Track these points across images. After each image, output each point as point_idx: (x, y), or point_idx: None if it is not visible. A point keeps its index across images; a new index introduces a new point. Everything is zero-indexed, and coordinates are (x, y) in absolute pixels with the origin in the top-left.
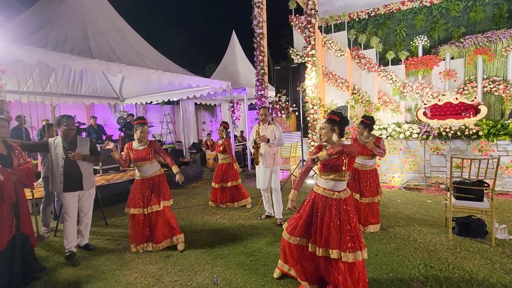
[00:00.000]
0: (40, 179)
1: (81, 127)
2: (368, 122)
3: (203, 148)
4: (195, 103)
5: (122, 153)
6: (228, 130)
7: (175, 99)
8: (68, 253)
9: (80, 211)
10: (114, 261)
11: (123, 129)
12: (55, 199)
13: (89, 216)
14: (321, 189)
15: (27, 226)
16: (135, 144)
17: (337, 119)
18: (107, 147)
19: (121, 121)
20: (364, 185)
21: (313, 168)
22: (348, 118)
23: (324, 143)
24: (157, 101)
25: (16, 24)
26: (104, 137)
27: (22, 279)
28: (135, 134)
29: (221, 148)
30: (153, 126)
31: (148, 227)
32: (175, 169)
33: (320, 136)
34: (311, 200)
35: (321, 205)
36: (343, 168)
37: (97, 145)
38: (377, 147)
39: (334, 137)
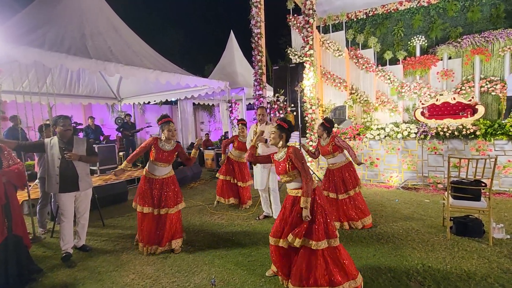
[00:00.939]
0: (37, 180)
1: (78, 127)
2: (328, 125)
3: (201, 148)
4: (193, 103)
5: (140, 145)
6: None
7: (173, 99)
8: (64, 254)
9: (76, 212)
10: (111, 262)
11: (121, 130)
12: (52, 200)
13: (86, 217)
14: (288, 189)
15: (19, 228)
16: (161, 143)
17: (286, 127)
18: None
19: (119, 121)
20: (338, 182)
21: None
22: (346, 117)
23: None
24: (155, 101)
25: (13, 23)
26: (101, 138)
27: (18, 280)
28: (162, 134)
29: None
30: (151, 126)
31: (157, 229)
32: (194, 153)
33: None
34: (284, 202)
35: (286, 204)
36: (287, 170)
37: (94, 145)
38: (336, 146)
39: (281, 143)
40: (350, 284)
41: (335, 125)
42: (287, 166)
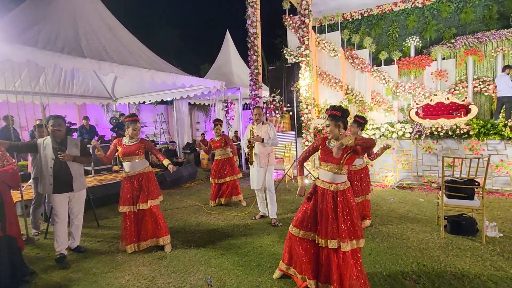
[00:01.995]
0: (30, 180)
1: (72, 127)
2: (361, 121)
3: (197, 148)
4: (189, 103)
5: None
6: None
7: (168, 99)
8: (58, 256)
9: (70, 213)
10: (106, 263)
11: (116, 129)
12: (46, 201)
13: (80, 218)
14: (320, 181)
15: (13, 228)
16: (125, 140)
17: (339, 114)
18: (93, 144)
19: (114, 121)
20: (355, 185)
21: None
22: None
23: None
24: (150, 101)
25: (5, 22)
26: (96, 138)
27: (10, 282)
28: (126, 131)
29: (222, 142)
30: (146, 126)
31: (137, 226)
32: (166, 162)
33: (327, 132)
34: (312, 193)
35: (320, 197)
36: (341, 161)
37: (88, 145)
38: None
39: (341, 132)
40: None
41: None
42: (344, 159)
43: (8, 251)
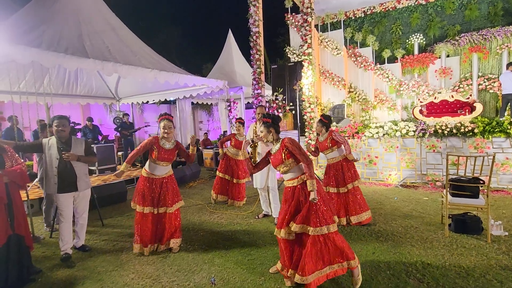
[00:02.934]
0: (36, 180)
1: (76, 127)
2: (325, 121)
3: (200, 148)
4: (192, 103)
5: (139, 145)
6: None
7: (171, 99)
8: (64, 256)
9: (75, 212)
10: (110, 262)
11: (119, 129)
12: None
13: (85, 217)
14: (286, 181)
15: (22, 227)
16: (162, 142)
17: (269, 121)
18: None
19: (117, 121)
20: (338, 176)
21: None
22: (345, 116)
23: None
24: (153, 100)
25: (10, 23)
26: (100, 138)
27: (17, 281)
28: (160, 131)
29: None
30: (149, 125)
31: (157, 228)
32: (193, 150)
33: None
34: (283, 195)
35: (286, 196)
36: (283, 160)
37: (92, 145)
38: (334, 140)
39: (271, 137)
40: (349, 263)
41: (334, 123)
42: (283, 155)
43: (17, 249)
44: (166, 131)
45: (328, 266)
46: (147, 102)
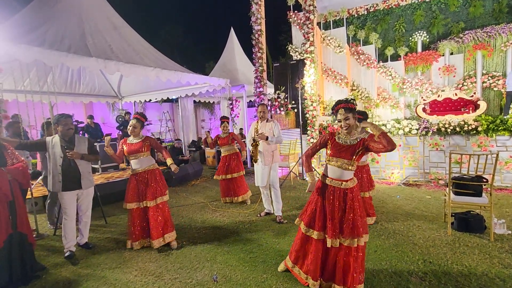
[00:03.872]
0: (40, 178)
1: (79, 126)
2: (361, 116)
3: (202, 146)
4: (194, 101)
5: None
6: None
7: (174, 97)
8: (67, 253)
9: (79, 210)
10: (113, 259)
11: (122, 128)
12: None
13: (88, 214)
14: (329, 179)
15: (24, 225)
16: (130, 139)
17: (354, 107)
18: (106, 145)
19: (120, 119)
20: (359, 180)
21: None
22: None
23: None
24: (156, 99)
25: (13, 22)
26: (102, 136)
27: (22, 277)
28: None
29: (229, 139)
30: (151, 124)
31: (145, 222)
32: (169, 161)
33: (342, 126)
34: (319, 191)
35: (330, 196)
36: (353, 157)
37: (95, 144)
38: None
39: (354, 122)
40: (362, 276)
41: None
42: (356, 154)
43: (20, 247)
44: (131, 130)
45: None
46: (150, 100)
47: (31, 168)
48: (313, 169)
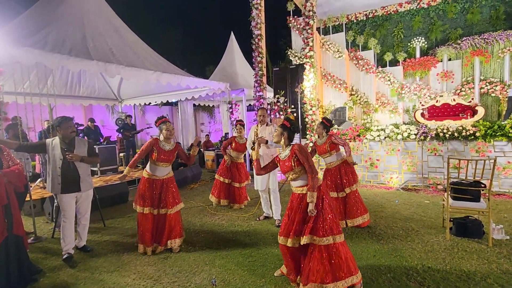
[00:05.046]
0: (39, 180)
1: (79, 128)
2: (327, 124)
3: (201, 149)
4: (194, 104)
5: (141, 147)
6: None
7: (173, 100)
8: (66, 256)
9: (77, 213)
10: (112, 262)
11: (121, 130)
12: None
13: (87, 217)
14: (293, 188)
15: (20, 228)
16: (162, 143)
17: (288, 126)
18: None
19: (119, 122)
20: (337, 180)
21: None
22: (346, 119)
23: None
24: (155, 102)
25: (15, 25)
26: (101, 139)
27: (19, 280)
28: (161, 134)
29: (244, 147)
30: (151, 127)
31: (157, 228)
32: (194, 150)
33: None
34: (289, 201)
35: (292, 202)
36: (293, 167)
37: (94, 146)
38: (333, 144)
39: (282, 141)
40: (352, 279)
41: (336, 126)
42: (292, 163)
43: (16, 250)
44: (170, 133)
45: (332, 283)
46: (149, 103)
47: (30, 170)
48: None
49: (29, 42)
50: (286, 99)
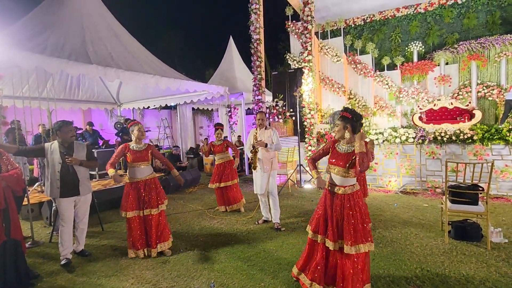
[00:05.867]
0: (37, 184)
1: (78, 132)
2: (349, 116)
3: (200, 153)
4: (193, 108)
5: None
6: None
7: (172, 104)
8: (64, 261)
9: (76, 217)
10: (110, 267)
11: (120, 134)
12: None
13: (85, 221)
14: (329, 185)
15: (18, 232)
16: (132, 145)
17: (350, 116)
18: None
19: (118, 126)
20: None
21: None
22: None
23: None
24: (154, 106)
25: (15, 29)
26: (100, 142)
27: (16, 285)
28: (132, 135)
29: (223, 147)
30: (150, 130)
31: (146, 230)
32: (175, 172)
33: (333, 133)
34: (323, 196)
35: (329, 201)
36: (347, 164)
37: (93, 150)
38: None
39: (347, 135)
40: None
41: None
42: (349, 162)
43: (14, 254)
44: (141, 134)
45: None
46: (148, 107)
47: (28, 174)
48: (317, 168)
49: (29, 46)
50: (284, 103)
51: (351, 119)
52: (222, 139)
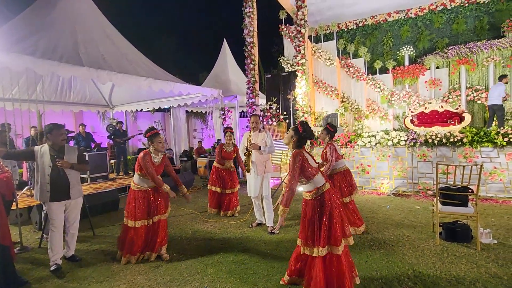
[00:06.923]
0: (26, 188)
1: (69, 135)
2: (331, 129)
3: (194, 156)
4: (186, 111)
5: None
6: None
7: (166, 107)
8: (54, 267)
9: (66, 221)
10: (101, 272)
11: (112, 137)
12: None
13: (76, 226)
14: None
15: (7, 238)
16: (153, 156)
17: (300, 131)
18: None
19: (111, 128)
20: (343, 186)
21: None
22: (338, 125)
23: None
24: (147, 108)
25: (5, 30)
26: (93, 145)
27: None
28: (152, 146)
29: (234, 154)
30: (142, 133)
31: (150, 236)
32: (183, 189)
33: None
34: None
35: (304, 208)
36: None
37: (84, 153)
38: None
39: (291, 145)
40: None
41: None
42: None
43: (2, 260)
44: (162, 145)
45: None
46: (141, 110)
47: (17, 178)
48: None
49: (19, 48)
50: (278, 106)
51: (300, 133)
52: (233, 145)
